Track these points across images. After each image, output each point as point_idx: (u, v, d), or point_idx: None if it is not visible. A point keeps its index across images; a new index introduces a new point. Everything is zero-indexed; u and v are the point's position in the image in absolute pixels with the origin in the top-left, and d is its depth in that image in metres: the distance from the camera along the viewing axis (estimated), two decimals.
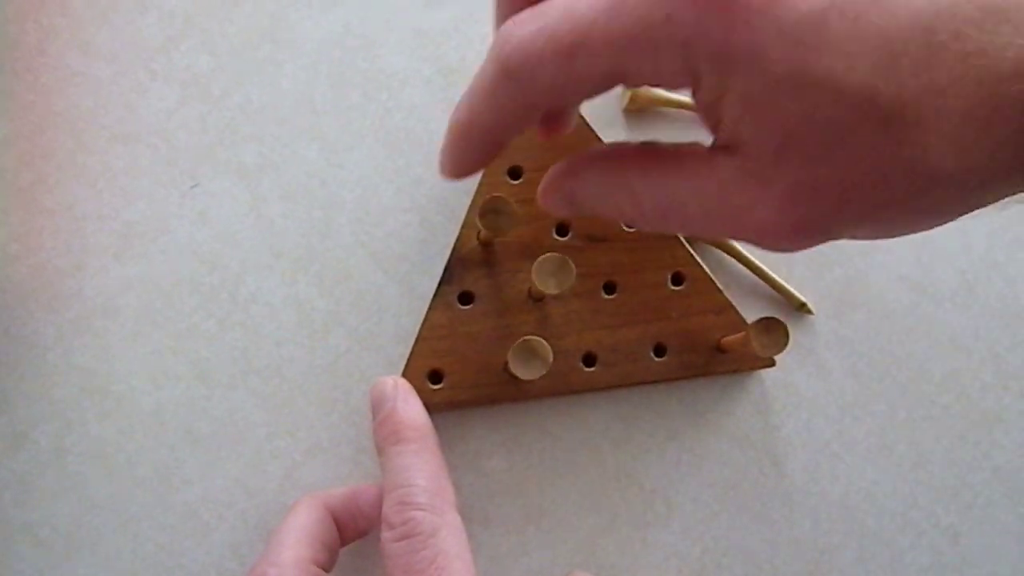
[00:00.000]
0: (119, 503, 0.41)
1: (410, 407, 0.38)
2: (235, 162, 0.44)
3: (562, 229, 0.43)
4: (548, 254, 0.38)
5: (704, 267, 0.43)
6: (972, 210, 0.27)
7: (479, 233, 0.42)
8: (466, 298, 0.42)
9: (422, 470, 0.36)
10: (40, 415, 0.41)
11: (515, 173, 0.43)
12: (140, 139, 0.44)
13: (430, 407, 0.39)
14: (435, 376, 0.41)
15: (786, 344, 0.39)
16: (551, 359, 0.38)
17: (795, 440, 0.45)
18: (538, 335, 0.39)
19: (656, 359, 0.43)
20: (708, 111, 0.28)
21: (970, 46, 0.24)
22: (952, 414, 0.46)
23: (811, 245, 0.28)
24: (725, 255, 0.45)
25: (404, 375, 0.41)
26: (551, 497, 0.44)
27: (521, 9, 0.30)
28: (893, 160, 0.25)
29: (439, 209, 0.45)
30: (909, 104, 0.25)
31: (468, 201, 0.43)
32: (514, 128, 0.31)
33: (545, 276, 0.38)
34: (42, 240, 0.43)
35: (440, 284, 0.42)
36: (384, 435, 0.38)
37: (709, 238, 0.30)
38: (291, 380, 0.43)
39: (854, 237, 0.29)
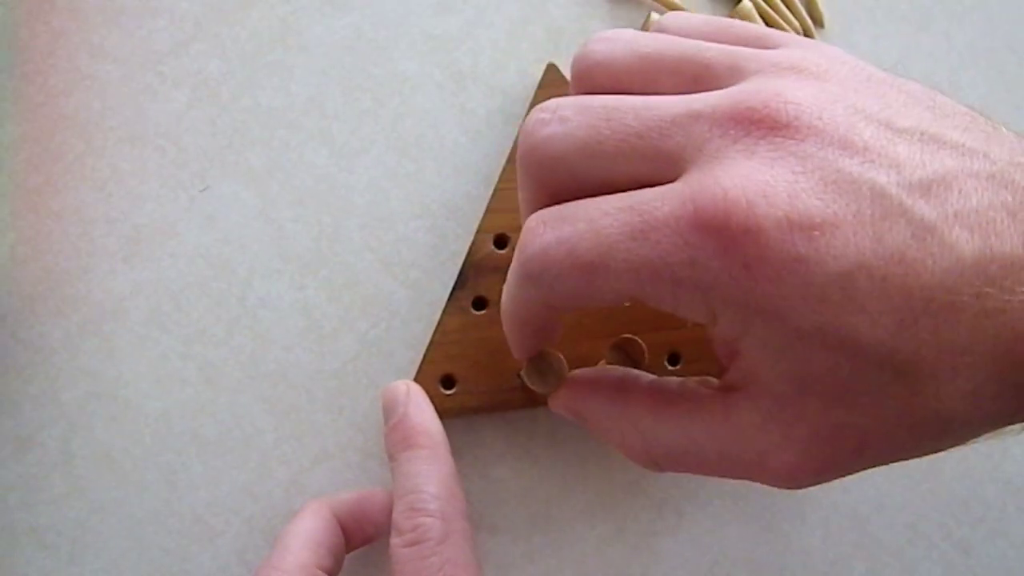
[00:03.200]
0: (125, 507, 0.41)
1: (422, 413, 0.38)
2: (244, 166, 0.44)
3: None
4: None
5: None
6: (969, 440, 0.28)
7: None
8: (480, 303, 0.42)
9: (433, 477, 0.36)
10: (46, 418, 0.41)
11: None
12: (149, 142, 0.44)
13: (442, 412, 0.39)
14: (447, 381, 0.41)
15: None
16: (567, 373, 0.37)
17: None
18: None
19: (670, 367, 0.42)
20: (723, 345, 0.28)
21: (990, 304, 0.24)
22: None
23: (823, 482, 0.29)
24: None
25: (416, 380, 0.41)
26: (559, 505, 0.43)
27: (546, 203, 0.30)
28: (909, 410, 0.26)
29: (450, 215, 0.44)
30: (926, 361, 0.25)
31: (481, 207, 0.43)
32: (547, 322, 0.32)
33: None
34: (50, 243, 0.42)
35: (454, 289, 0.41)
36: (395, 441, 0.37)
37: (718, 477, 0.31)
38: (299, 385, 0.43)
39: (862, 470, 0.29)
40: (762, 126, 0.26)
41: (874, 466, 0.29)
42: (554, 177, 0.30)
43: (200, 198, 0.44)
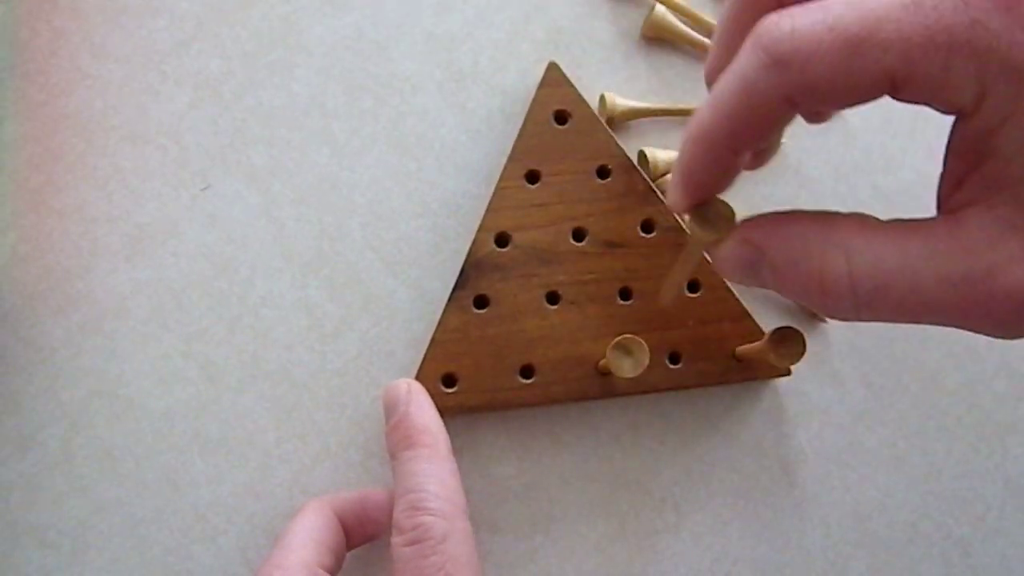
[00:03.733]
0: (127, 506, 0.41)
1: (423, 411, 0.38)
2: (246, 165, 0.44)
3: (578, 234, 0.42)
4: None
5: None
6: None
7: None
8: (481, 302, 0.42)
9: (434, 475, 0.36)
10: (48, 417, 0.41)
11: (532, 177, 0.43)
12: (151, 141, 0.44)
13: (443, 411, 0.39)
14: (448, 380, 0.41)
15: (803, 354, 0.39)
16: (736, 219, 0.32)
17: (807, 449, 0.45)
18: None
19: (671, 366, 0.42)
20: (975, 143, 0.27)
21: None
22: (964, 424, 0.46)
23: None
24: None
25: (418, 378, 0.41)
26: (560, 504, 0.43)
27: (769, 7, 0.28)
28: None
29: (450, 213, 0.45)
30: None
31: (481, 206, 0.43)
32: (764, 130, 0.28)
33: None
34: (52, 242, 0.43)
35: (455, 288, 0.41)
36: (396, 439, 0.37)
37: (926, 320, 0.28)
38: (300, 384, 0.43)
39: None
40: None
41: None
42: None
43: (202, 197, 0.44)
